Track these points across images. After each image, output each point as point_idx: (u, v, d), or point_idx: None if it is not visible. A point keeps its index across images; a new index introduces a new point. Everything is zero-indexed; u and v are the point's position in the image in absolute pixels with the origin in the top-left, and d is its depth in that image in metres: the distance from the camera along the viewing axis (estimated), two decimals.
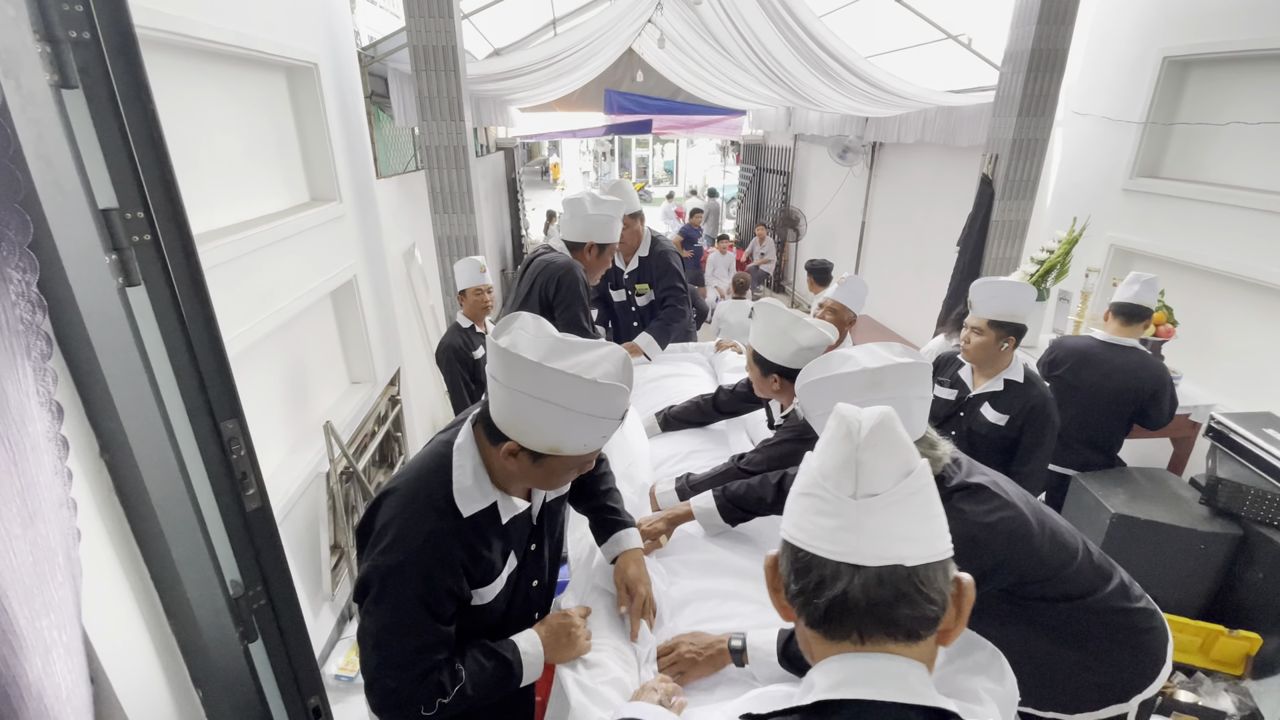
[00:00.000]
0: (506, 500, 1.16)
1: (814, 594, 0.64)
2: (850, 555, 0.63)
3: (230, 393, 1.01)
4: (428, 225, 4.84)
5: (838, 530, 0.64)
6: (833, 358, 1.24)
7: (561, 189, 20.04)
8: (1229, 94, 3.29)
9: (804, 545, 0.66)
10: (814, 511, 0.66)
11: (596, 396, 0.99)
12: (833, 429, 0.68)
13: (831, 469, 0.66)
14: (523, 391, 0.99)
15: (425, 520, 1.08)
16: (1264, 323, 3.17)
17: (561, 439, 1.03)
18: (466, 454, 1.12)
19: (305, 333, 2.98)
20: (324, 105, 2.90)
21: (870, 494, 0.64)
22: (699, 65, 6.81)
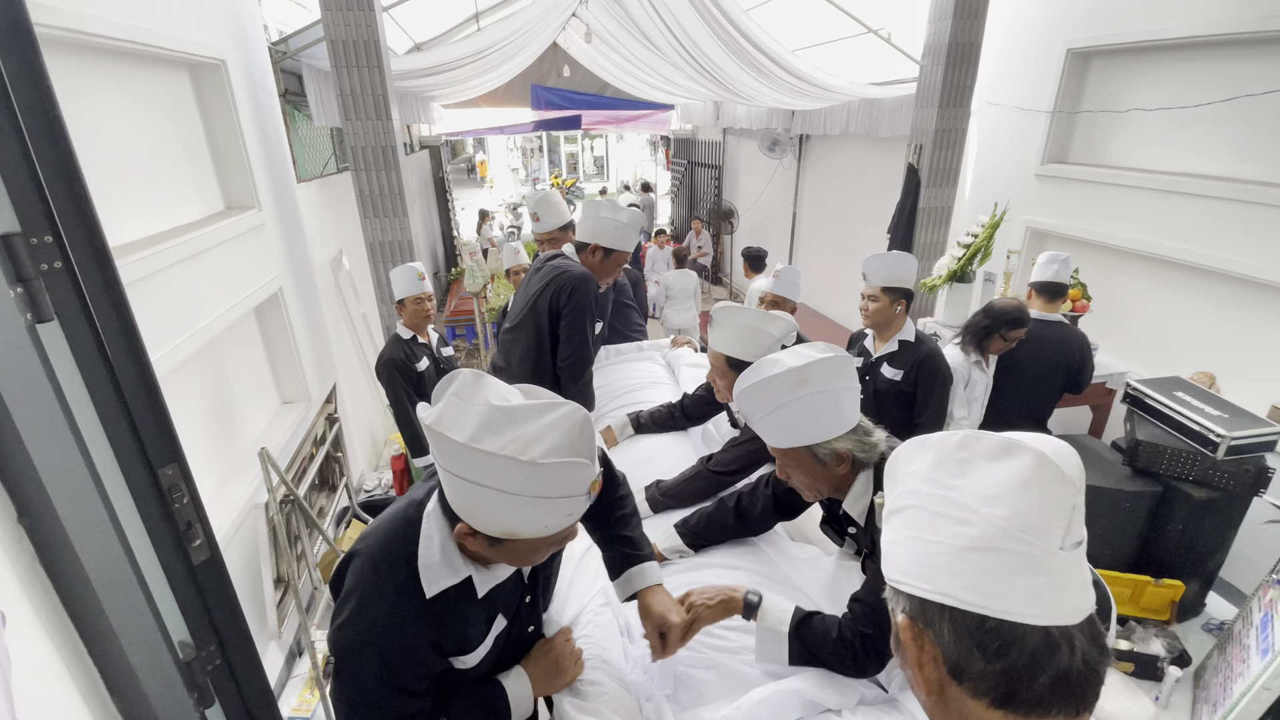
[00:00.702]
0: (483, 574, 1.02)
1: (1026, 674, 0.52)
2: (1060, 617, 0.52)
3: (167, 434, 0.90)
4: (355, 230, 4.61)
5: (1045, 590, 0.52)
6: (762, 364, 1.27)
7: (490, 187, 19.57)
8: (1127, 83, 3.55)
9: (995, 613, 0.53)
10: (1006, 571, 0.53)
11: (541, 478, 0.83)
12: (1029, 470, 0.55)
13: (1037, 519, 0.53)
14: (457, 475, 0.85)
15: (384, 598, 0.96)
16: (1166, 293, 3.45)
17: (514, 523, 0.88)
18: (435, 524, 0.98)
19: (229, 353, 2.76)
20: (235, 105, 2.68)
21: (1077, 541, 0.55)
22: (626, 60, 6.77)
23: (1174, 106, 3.23)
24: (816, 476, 1.28)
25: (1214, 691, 2.10)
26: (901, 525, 0.60)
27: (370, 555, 0.99)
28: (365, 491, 4.05)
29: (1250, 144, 2.96)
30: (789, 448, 1.26)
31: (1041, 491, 0.54)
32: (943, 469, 0.59)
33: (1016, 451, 0.56)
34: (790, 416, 1.21)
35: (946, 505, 0.57)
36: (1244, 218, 2.93)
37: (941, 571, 0.55)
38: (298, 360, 3.30)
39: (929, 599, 0.56)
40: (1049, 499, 0.54)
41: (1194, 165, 3.23)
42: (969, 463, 0.58)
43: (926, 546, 0.57)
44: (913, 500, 0.60)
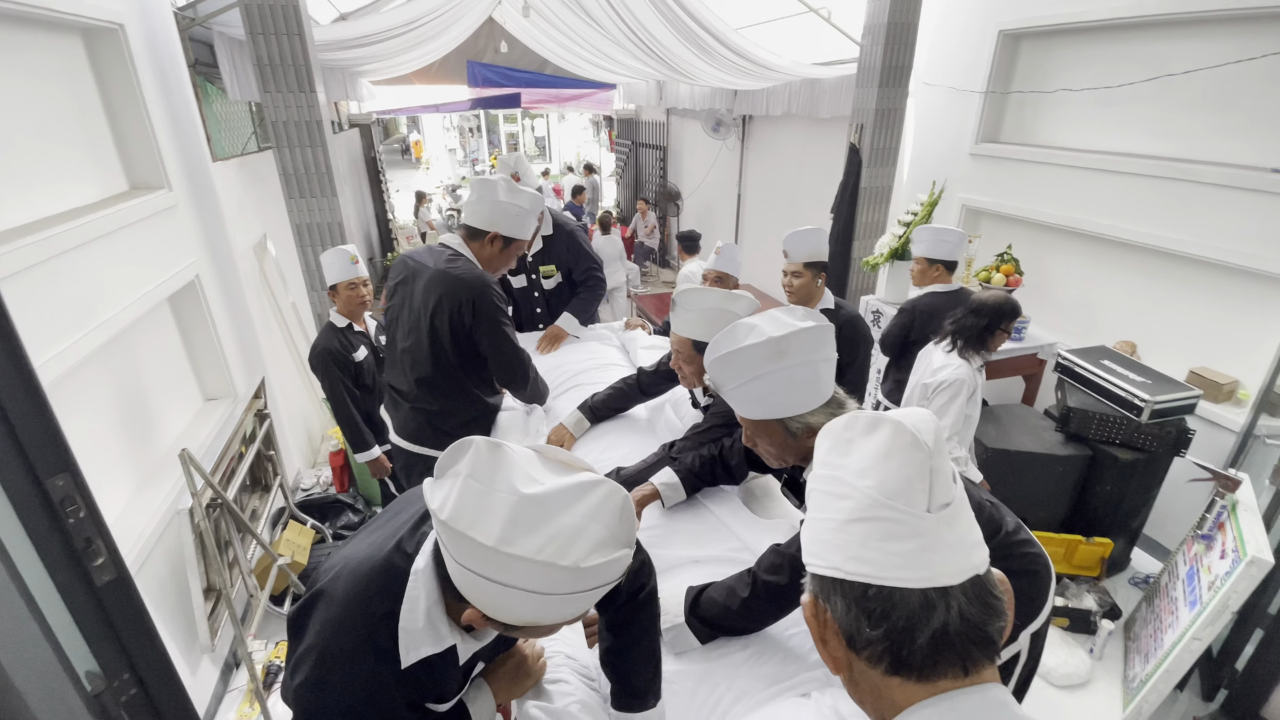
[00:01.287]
0: (468, 641, 0.91)
1: (905, 635, 0.54)
2: (937, 578, 0.54)
3: (55, 440, 0.78)
4: (280, 212, 4.31)
5: (918, 553, 0.55)
6: (738, 328, 1.20)
7: (426, 168, 18.86)
8: (1055, 64, 3.67)
9: (876, 580, 0.55)
10: (881, 538, 0.55)
11: (581, 579, 0.74)
12: (887, 441, 0.59)
13: (899, 485, 0.56)
14: (479, 574, 0.74)
15: (360, 663, 0.84)
16: (1091, 266, 3.62)
17: (539, 617, 0.79)
18: (423, 586, 0.85)
19: (142, 347, 2.53)
20: (136, 75, 2.43)
21: (945, 503, 0.57)
22: (567, 37, 6.58)
23: (1099, 87, 3.36)
24: (785, 447, 1.24)
25: (1144, 642, 2.23)
26: (809, 509, 0.64)
27: (344, 606, 0.86)
28: (303, 490, 3.84)
29: (1169, 123, 3.12)
30: (760, 419, 1.21)
31: (900, 458, 0.58)
32: (834, 451, 0.63)
33: (880, 424, 0.61)
34: (765, 388, 1.16)
35: (832, 484, 0.61)
36: (1162, 193, 3.09)
37: (829, 545, 0.59)
38: (220, 353, 3.07)
39: (824, 574, 0.59)
40: (907, 464, 0.58)
41: (1116, 144, 3.38)
42: (851, 442, 0.62)
43: (819, 525, 0.61)
44: (814, 484, 0.64)
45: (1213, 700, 2.33)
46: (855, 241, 4.55)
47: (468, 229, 2.04)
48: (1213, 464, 2.28)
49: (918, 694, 0.55)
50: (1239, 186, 2.78)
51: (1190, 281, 3.12)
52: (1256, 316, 2.85)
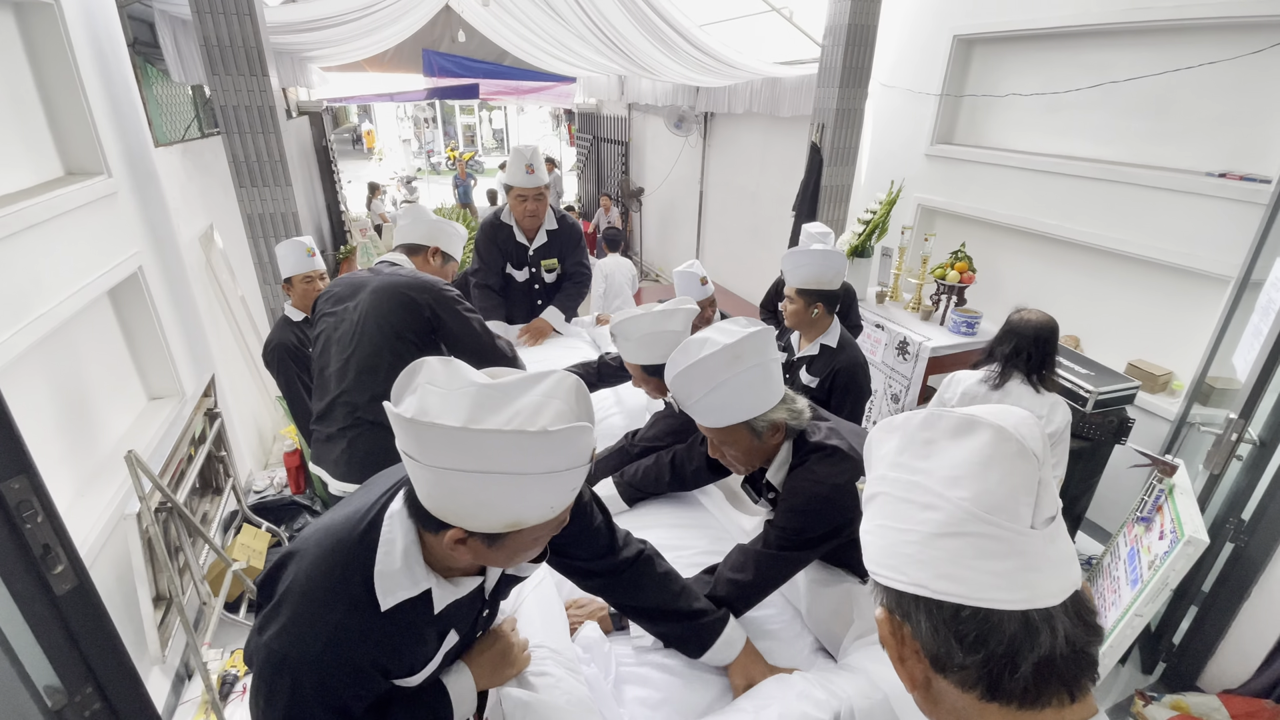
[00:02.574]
0: (444, 586, 0.91)
1: (1006, 663, 0.50)
2: (1039, 599, 0.50)
3: (11, 441, 0.73)
4: (225, 202, 4.13)
5: (1020, 572, 0.50)
6: (690, 344, 1.25)
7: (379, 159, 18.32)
8: (1006, 69, 3.82)
9: (970, 601, 0.50)
10: (976, 555, 0.50)
11: (552, 447, 0.74)
12: (988, 447, 0.53)
13: (1002, 498, 0.51)
14: (452, 468, 0.73)
15: (332, 610, 0.83)
16: (1039, 265, 3.79)
17: (520, 511, 0.79)
18: (399, 527, 0.86)
19: (79, 344, 2.38)
20: (73, 54, 2.27)
21: (1049, 518, 0.52)
22: (527, 29, 6.48)
23: (1046, 92, 3.51)
24: (752, 450, 1.30)
25: None
26: (874, 514, 0.58)
27: (320, 558, 0.86)
28: (256, 493, 3.69)
29: (1111, 128, 3.28)
30: (727, 425, 1.26)
31: (1004, 468, 0.52)
32: (908, 452, 0.57)
33: (976, 428, 0.54)
34: (727, 394, 1.22)
35: (913, 490, 0.55)
36: (1105, 195, 3.26)
37: (912, 560, 0.53)
38: (166, 350, 2.91)
39: (903, 590, 0.54)
40: (1012, 475, 0.52)
41: (1063, 147, 3.55)
42: (932, 443, 0.56)
43: (896, 535, 0.55)
44: (882, 486, 0.58)
45: (1152, 673, 2.48)
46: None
47: (407, 246, 2.05)
48: (1151, 450, 2.42)
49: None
50: (1175, 189, 2.96)
51: (1129, 279, 3.30)
52: (1190, 312, 3.04)
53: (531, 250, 2.66)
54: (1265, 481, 2.15)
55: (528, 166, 2.51)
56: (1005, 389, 2.24)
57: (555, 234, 2.69)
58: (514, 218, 2.62)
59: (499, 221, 2.69)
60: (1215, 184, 2.81)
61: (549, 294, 2.73)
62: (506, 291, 2.72)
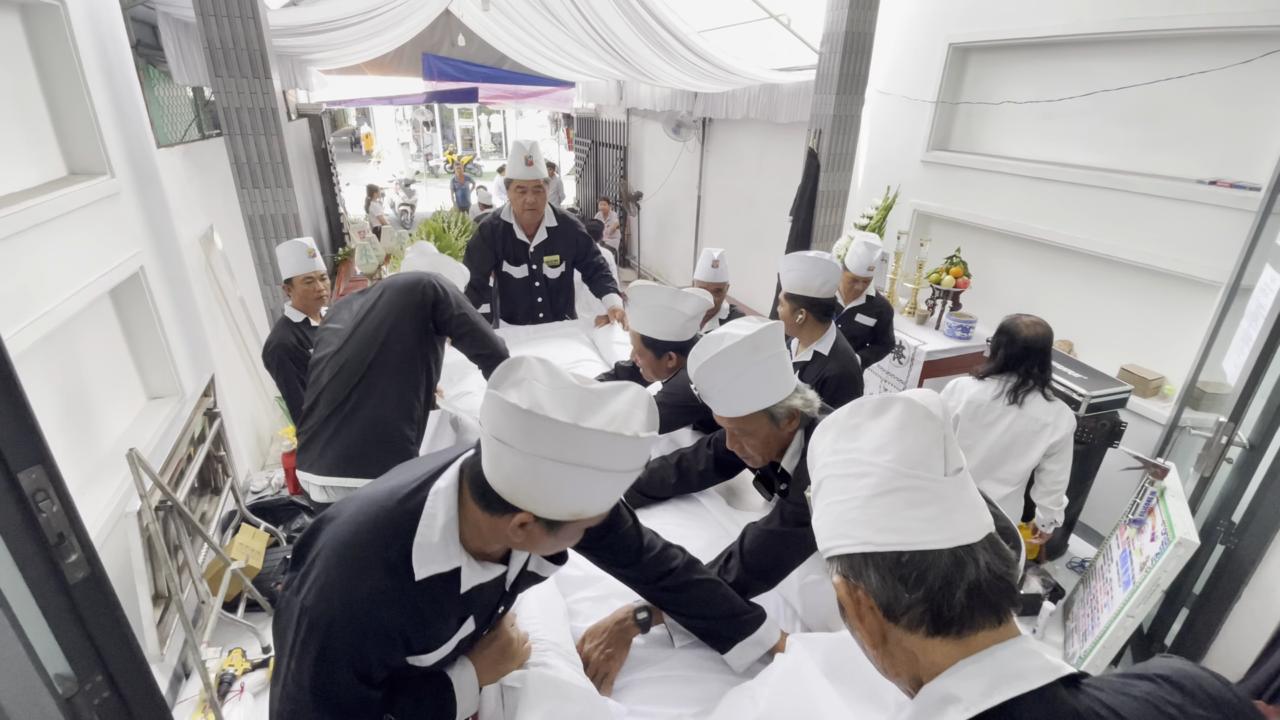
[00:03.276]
0: (473, 567, 0.97)
1: (944, 593, 0.58)
2: (962, 537, 0.59)
3: (29, 430, 0.75)
4: (224, 203, 4.14)
5: (943, 515, 0.59)
6: (710, 340, 1.33)
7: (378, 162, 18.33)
8: (1001, 77, 3.87)
9: (908, 546, 0.59)
10: (905, 506, 0.60)
11: (636, 450, 0.86)
12: (901, 415, 0.63)
13: (918, 454, 0.61)
14: (549, 458, 0.82)
15: (370, 573, 0.89)
16: (1033, 270, 3.83)
17: (587, 502, 0.88)
18: (442, 503, 0.92)
19: (81, 343, 2.40)
20: (78, 54, 2.30)
21: (958, 468, 0.62)
22: (527, 33, 6.52)
23: (1040, 100, 3.56)
24: (769, 439, 1.37)
25: (1082, 622, 2.38)
26: (821, 498, 0.68)
27: (361, 525, 0.92)
28: (254, 493, 3.69)
29: (1104, 135, 3.33)
30: (747, 414, 1.33)
31: (916, 429, 0.62)
32: (842, 439, 0.67)
33: (890, 404, 0.65)
34: (749, 383, 1.29)
35: (849, 466, 0.64)
36: (1098, 202, 3.30)
37: (856, 523, 0.62)
38: (166, 349, 2.92)
39: (854, 552, 0.62)
40: (923, 435, 0.62)
41: (1056, 154, 3.59)
42: (859, 426, 0.66)
43: (840, 507, 0.64)
44: (825, 472, 0.68)
45: None
46: (814, 244, 4.67)
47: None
48: (1143, 454, 2.45)
49: (957, 653, 0.59)
50: (1167, 196, 3.00)
51: (1122, 284, 3.33)
52: (1181, 317, 3.07)
53: (532, 247, 2.68)
54: (1255, 484, 2.18)
55: (527, 159, 2.55)
56: (1026, 406, 2.23)
57: (556, 230, 2.72)
58: (514, 214, 2.64)
59: (498, 221, 2.71)
60: (1206, 191, 2.85)
61: (551, 290, 2.75)
62: (505, 290, 2.73)
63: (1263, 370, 2.11)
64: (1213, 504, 2.39)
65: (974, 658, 0.58)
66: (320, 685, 0.89)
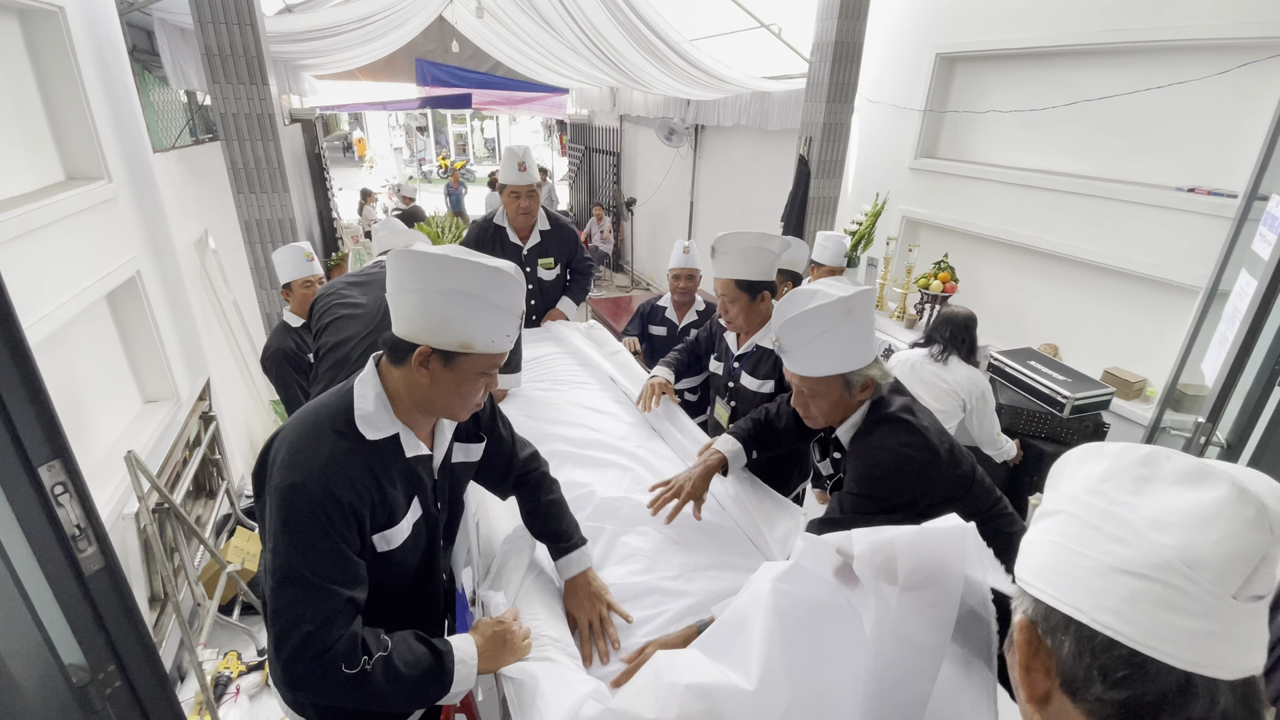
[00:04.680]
0: (410, 435, 1.13)
1: (1149, 712, 0.48)
2: (1211, 668, 0.46)
3: (50, 425, 0.78)
4: (219, 208, 4.16)
5: (1203, 637, 0.47)
6: (798, 295, 1.33)
7: (370, 167, 18.32)
8: (987, 86, 3.94)
9: (1137, 645, 0.48)
10: (1159, 603, 0.47)
11: (500, 283, 1.05)
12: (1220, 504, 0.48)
13: (1212, 560, 0.47)
14: (431, 289, 1.02)
15: (324, 441, 1.04)
16: (1019, 275, 3.90)
17: (472, 331, 1.05)
18: (369, 384, 1.11)
19: (78, 347, 2.41)
20: (76, 61, 2.32)
21: (1257, 596, 0.48)
22: (520, 40, 6.57)
23: (1025, 109, 3.64)
24: (838, 404, 1.38)
25: None
26: (1049, 529, 0.56)
27: (303, 419, 1.08)
28: (247, 497, 3.70)
29: (1086, 144, 3.40)
30: (824, 376, 1.34)
31: (1227, 530, 0.47)
32: (1114, 481, 0.53)
33: (1210, 480, 0.49)
34: (832, 344, 1.30)
35: (1106, 520, 0.52)
36: (1080, 208, 3.37)
37: (1079, 585, 0.51)
38: (162, 353, 2.93)
39: (1056, 608, 0.52)
40: (1235, 542, 0.47)
41: (1040, 162, 3.66)
42: (1148, 481, 0.52)
43: (1069, 556, 0.53)
44: (1069, 506, 0.55)
45: None
46: None
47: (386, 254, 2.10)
48: None
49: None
50: (1147, 203, 3.07)
51: (1105, 289, 3.41)
52: (1162, 321, 3.15)
53: (526, 250, 2.71)
54: None
55: (520, 164, 2.59)
56: (949, 364, 2.67)
57: (549, 234, 2.74)
58: (507, 218, 2.67)
59: (491, 224, 2.74)
60: (1185, 198, 2.93)
61: (545, 293, 2.77)
62: None
63: (1239, 372, 2.17)
64: None
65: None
66: (302, 549, 0.98)
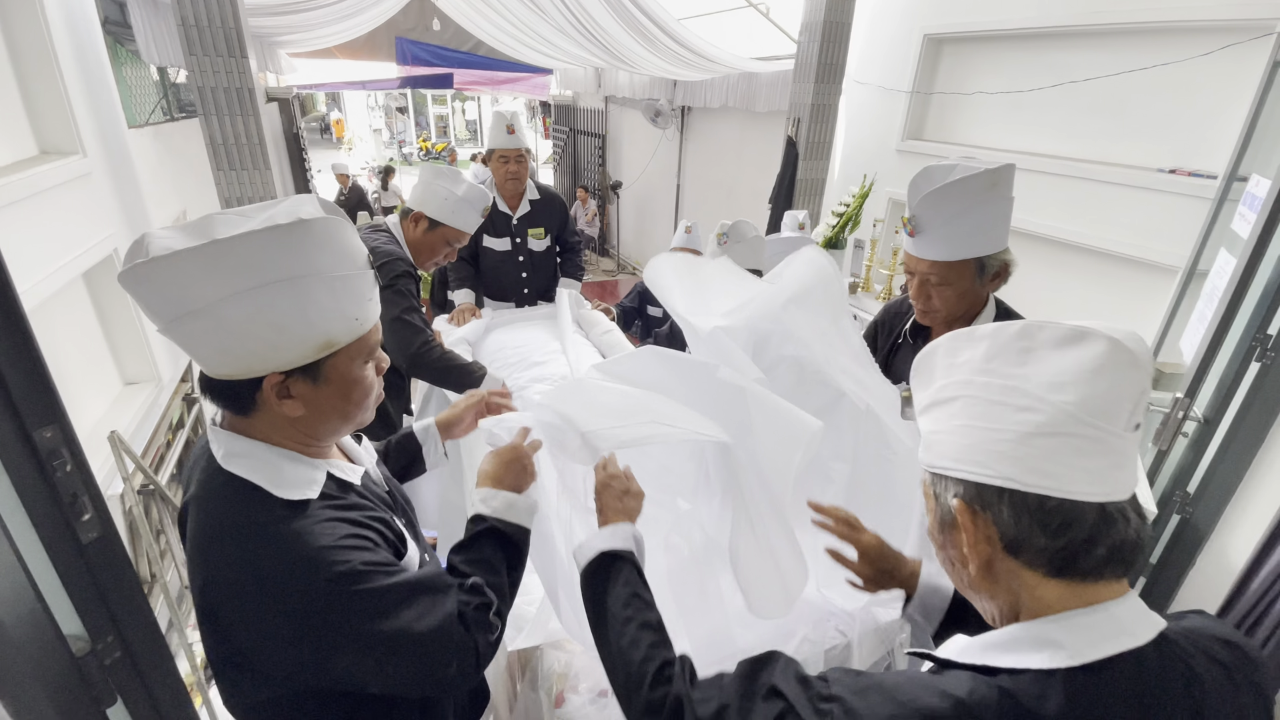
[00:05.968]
0: (338, 464, 0.87)
1: (1085, 547, 0.55)
2: (1116, 494, 0.55)
3: (45, 389, 0.76)
4: (196, 188, 4.06)
5: (1107, 470, 0.55)
6: (937, 169, 1.24)
7: (349, 149, 17.98)
8: (973, 68, 3.96)
9: (1058, 493, 0.55)
10: (1072, 454, 0.55)
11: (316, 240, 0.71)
12: (1101, 357, 0.55)
13: (1108, 404, 0.55)
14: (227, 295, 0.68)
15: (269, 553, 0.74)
16: None
17: (319, 325, 0.74)
18: (244, 452, 0.78)
19: (54, 327, 2.35)
20: (48, 29, 2.24)
21: (1138, 424, 0.56)
22: (503, 18, 6.45)
23: (1011, 91, 3.66)
24: (966, 294, 1.30)
25: None
26: (951, 415, 0.61)
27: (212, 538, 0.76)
28: None
29: (1070, 126, 3.44)
30: (958, 259, 1.25)
31: (1114, 376, 0.55)
32: (999, 359, 0.60)
33: (1088, 339, 0.57)
34: (973, 222, 1.21)
35: (1008, 394, 0.58)
36: (1065, 190, 3.42)
37: (1003, 457, 0.57)
38: (142, 334, 2.87)
39: (988, 483, 0.58)
40: (1121, 383, 0.55)
41: (1025, 144, 3.69)
42: (1030, 351, 0.58)
43: (984, 434, 0.58)
44: (965, 390, 0.61)
45: None
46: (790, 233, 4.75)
47: (403, 209, 2.01)
48: None
49: (1070, 599, 0.57)
50: (1129, 184, 3.12)
51: (1087, 269, 3.46)
52: (1142, 301, 3.21)
53: (515, 219, 2.67)
54: (1209, 456, 2.30)
55: (508, 127, 2.54)
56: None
57: (539, 204, 2.70)
58: (495, 185, 2.62)
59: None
60: (1166, 179, 2.98)
61: (535, 264, 2.72)
62: (485, 266, 2.69)
63: (1216, 348, 2.22)
64: (1169, 476, 2.51)
65: (1087, 610, 0.56)
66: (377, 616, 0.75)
